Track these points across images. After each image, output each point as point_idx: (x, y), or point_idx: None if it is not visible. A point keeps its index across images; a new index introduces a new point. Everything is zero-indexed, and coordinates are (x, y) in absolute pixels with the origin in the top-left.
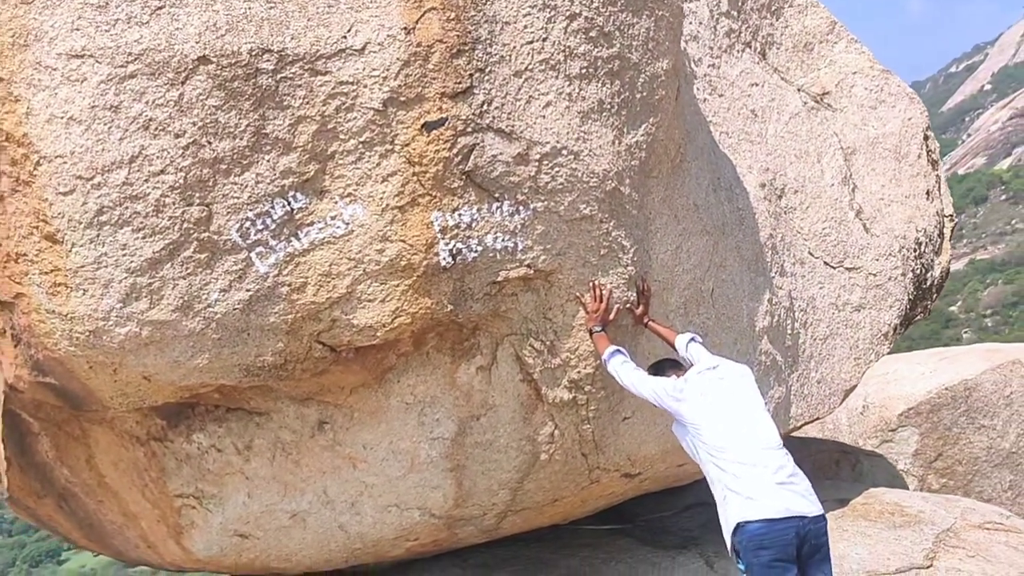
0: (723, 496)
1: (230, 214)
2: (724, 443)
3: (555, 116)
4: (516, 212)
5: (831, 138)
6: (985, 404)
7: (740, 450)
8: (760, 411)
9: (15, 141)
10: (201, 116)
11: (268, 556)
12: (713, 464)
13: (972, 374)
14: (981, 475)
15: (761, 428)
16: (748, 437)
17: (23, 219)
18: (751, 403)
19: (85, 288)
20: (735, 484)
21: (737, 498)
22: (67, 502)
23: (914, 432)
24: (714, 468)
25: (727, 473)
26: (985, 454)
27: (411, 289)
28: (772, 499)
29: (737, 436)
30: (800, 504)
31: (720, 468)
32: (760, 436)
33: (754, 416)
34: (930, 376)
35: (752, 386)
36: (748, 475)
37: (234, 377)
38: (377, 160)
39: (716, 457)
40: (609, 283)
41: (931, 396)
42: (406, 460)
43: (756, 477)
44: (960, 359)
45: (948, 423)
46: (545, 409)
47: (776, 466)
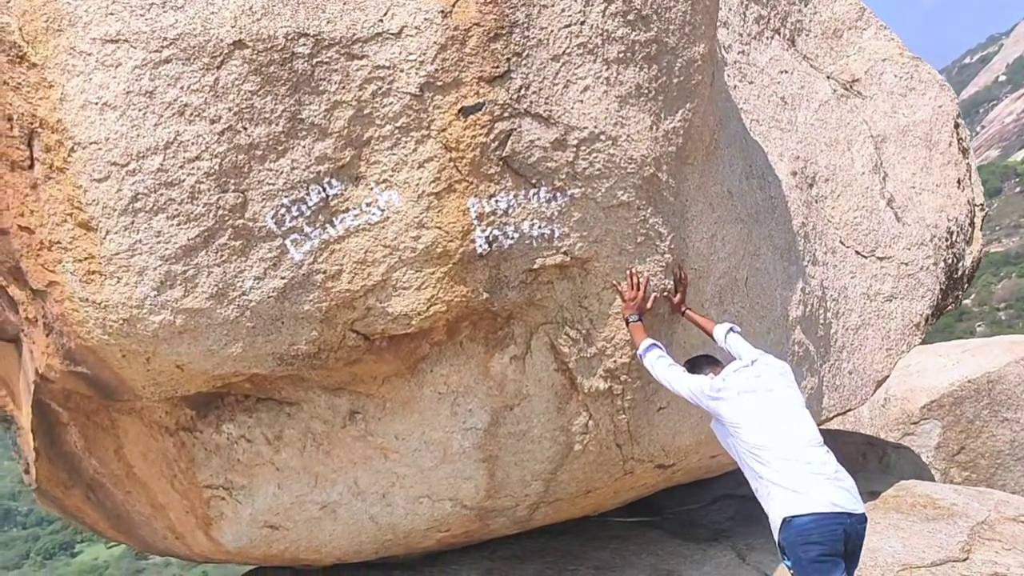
0: (767, 492)
1: (265, 201)
2: (765, 441)
3: (593, 101)
4: (553, 198)
5: (861, 126)
6: (1008, 397)
7: (782, 447)
8: (800, 408)
9: (49, 127)
10: (237, 101)
11: (298, 547)
12: (756, 461)
13: (995, 366)
14: (1004, 468)
15: (802, 425)
16: (789, 434)
17: (57, 206)
18: (791, 400)
19: (119, 276)
20: (780, 479)
21: (782, 493)
22: (95, 493)
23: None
24: (757, 464)
25: (770, 469)
26: (1008, 447)
27: (447, 277)
28: (819, 493)
29: (778, 434)
30: (847, 500)
31: (763, 464)
32: (801, 433)
33: (794, 413)
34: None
35: (791, 383)
36: (792, 471)
37: (268, 366)
38: (413, 146)
39: (758, 455)
40: (646, 271)
41: (954, 389)
42: (438, 451)
43: (801, 472)
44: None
45: (971, 416)
46: (580, 399)
47: (820, 462)
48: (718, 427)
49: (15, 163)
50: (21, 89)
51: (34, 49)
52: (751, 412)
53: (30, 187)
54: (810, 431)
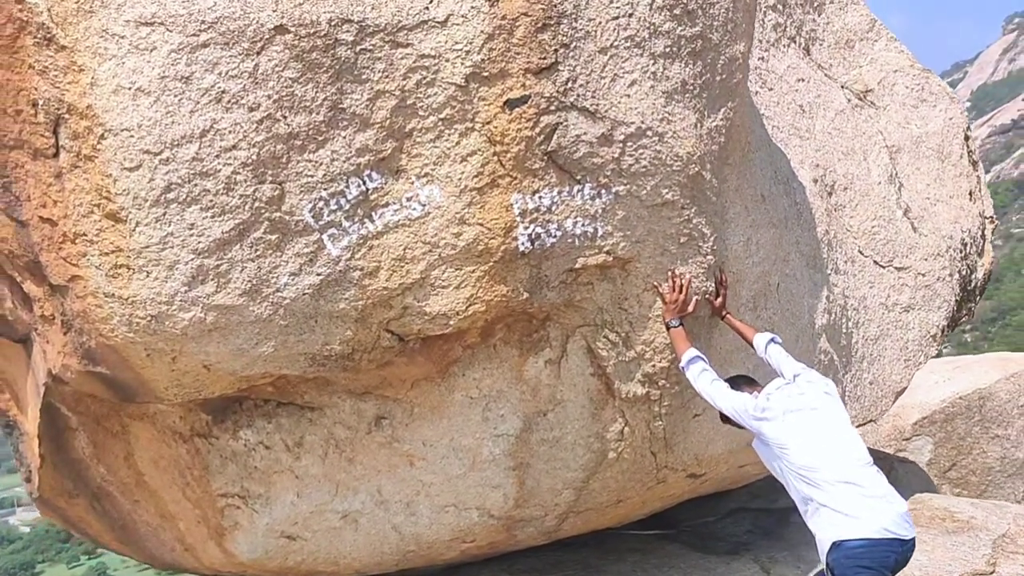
0: (815, 510)
1: (303, 193)
2: (814, 462)
3: (640, 96)
4: (597, 196)
5: (876, 136)
6: (999, 413)
7: (832, 468)
8: (847, 426)
9: (78, 113)
10: (276, 89)
11: (316, 559)
12: (804, 483)
13: (986, 383)
14: (995, 485)
15: (850, 445)
16: (838, 455)
17: (83, 196)
18: (837, 419)
19: (149, 270)
20: (831, 502)
21: (833, 515)
22: (100, 502)
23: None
24: (806, 486)
25: (820, 491)
26: (999, 464)
27: (487, 275)
28: (872, 518)
29: (827, 455)
30: (899, 527)
31: (812, 486)
32: (851, 453)
33: (842, 432)
34: (944, 385)
35: (837, 401)
36: (843, 493)
37: (299, 367)
38: (457, 139)
39: (807, 476)
40: (688, 273)
41: (945, 405)
42: (467, 458)
43: (852, 495)
44: (973, 368)
45: (962, 432)
46: (616, 405)
47: (871, 483)
48: (762, 447)
49: (38, 151)
50: (48, 73)
51: (63, 31)
52: (798, 432)
53: (54, 176)
54: (859, 450)
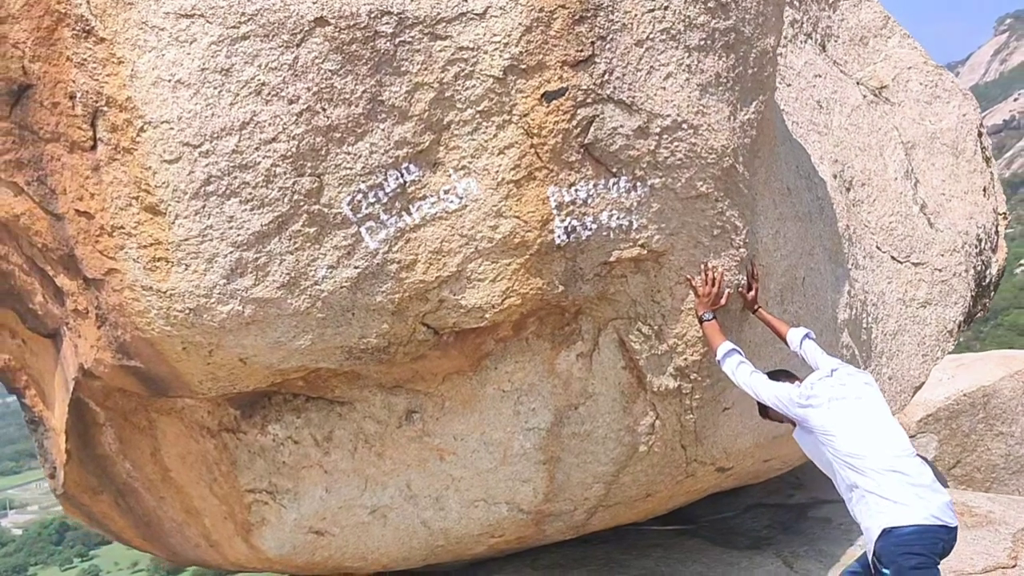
0: (860, 497)
1: (342, 186)
2: (860, 450)
3: (675, 88)
4: (633, 188)
5: (891, 132)
6: (1003, 411)
7: (879, 457)
8: (890, 417)
9: (117, 106)
10: (316, 81)
11: (343, 554)
12: (850, 470)
13: (990, 380)
14: (999, 483)
15: (895, 435)
16: (884, 444)
17: (121, 189)
18: (880, 409)
19: (188, 263)
20: (878, 489)
21: (882, 503)
22: (125, 498)
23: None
24: (852, 473)
25: (867, 478)
26: (1003, 461)
27: (523, 268)
28: (920, 506)
29: (872, 443)
30: (945, 514)
31: (858, 473)
32: (896, 443)
33: (886, 422)
34: (948, 383)
35: (877, 392)
36: (891, 481)
37: (336, 360)
38: (494, 131)
39: (852, 464)
40: (721, 265)
41: (950, 403)
42: (498, 452)
43: (899, 483)
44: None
45: (967, 430)
46: (647, 398)
47: (916, 473)
48: (804, 436)
49: (75, 144)
50: (86, 65)
51: (102, 23)
52: (844, 420)
53: (91, 169)
54: (903, 441)
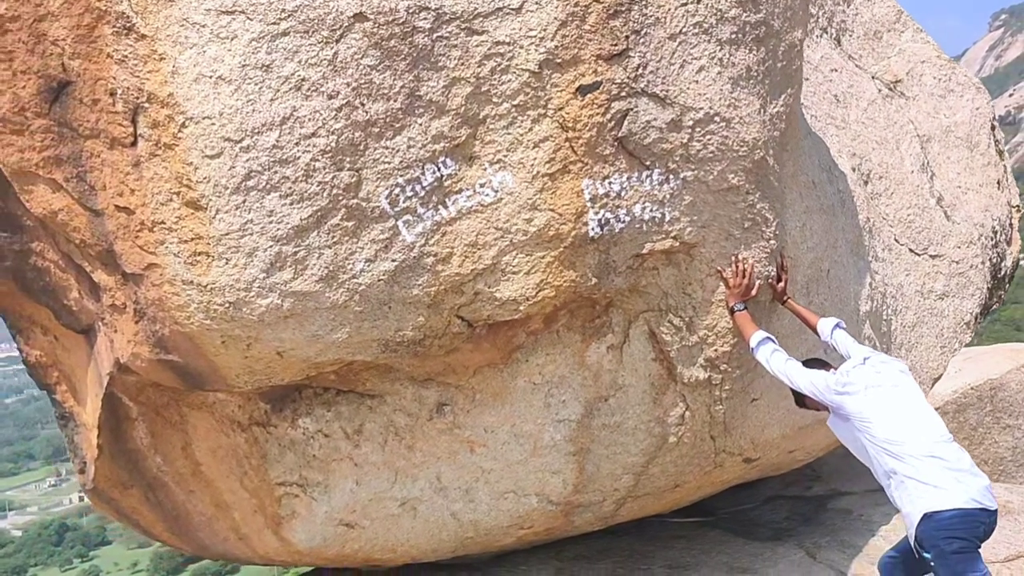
0: (899, 483)
1: (380, 180)
2: (898, 436)
3: (707, 81)
4: (666, 181)
5: (907, 125)
6: (1010, 404)
7: (916, 442)
8: (925, 404)
9: (159, 102)
10: (355, 76)
11: (373, 546)
12: (889, 456)
13: (997, 373)
14: (1007, 475)
15: (932, 421)
16: (921, 430)
17: (162, 185)
18: (916, 396)
19: (228, 257)
20: (918, 475)
21: (921, 488)
22: (154, 493)
23: None
24: (890, 459)
25: (906, 464)
26: (1010, 454)
27: (557, 261)
28: (960, 490)
29: (910, 429)
30: (985, 497)
31: (897, 459)
32: (933, 429)
33: (923, 409)
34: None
35: (912, 380)
36: (930, 466)
37: (372, 353)
38: (529, 125)
39: (891, 450)
40: (751, 257)
41: (957, 396)
42: (528, 444)
43: (939, 468)
44: (984, 359)
45: (974, 423)
46: (677, 389)
47: (955, 458)
48: (840, 423)
49: (116, 140)
50: (127, 62)
51: (144, 20)
52: (880, 406)
53: (132, 165)
54: (940, 427)
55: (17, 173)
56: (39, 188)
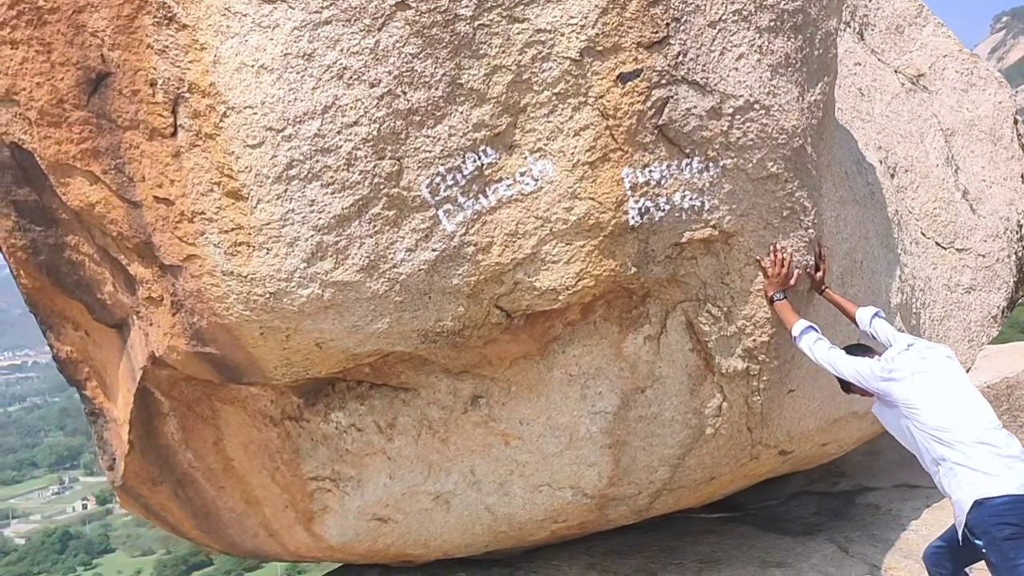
0: (949, 470)
1: (421, 169)
2: (946, 423)
3: (747, 69)
4: (706, 169)
5: (930, 119)
6: None
7: (965, 429)
8: (973, 390)
9: (200, 91)
10: (397, 65)
11: (405, 541)
12: (937, 443)
13: (1013, 372)
14: None
15: (980, 407)
16: (970, 416)
17: (202, 175)
18: (963, 382)
19: (269, 247)
20: (968, 462)
21: (972, 474)
22: (184, 489)
23: None
24: (939, 446)
25: (955, 451)
26: None
27: (596, 250)
28: (1011, 476)
29: (959, 415)
30: None
31: (946, 446)
32: (982, 415)
33: (971, 395)
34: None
35: (958, 365)
36: (980, 453)
37: (411, 344)
38: (570, 113)
39: (939, 437)
40: (789, 246)
41: None
42: (564, 436)
43: (989, 455)
44: (1000, 357)
45: None
46: (714, 380)
47: (1005, 444)
48: (886, 411)
49: (155, 131)
50: (168, 52)
51: (184, 10)
52: (928, 393)
53: (172, 156)
54: (989, 413)
55: (54, 166)
56: (76, 180)
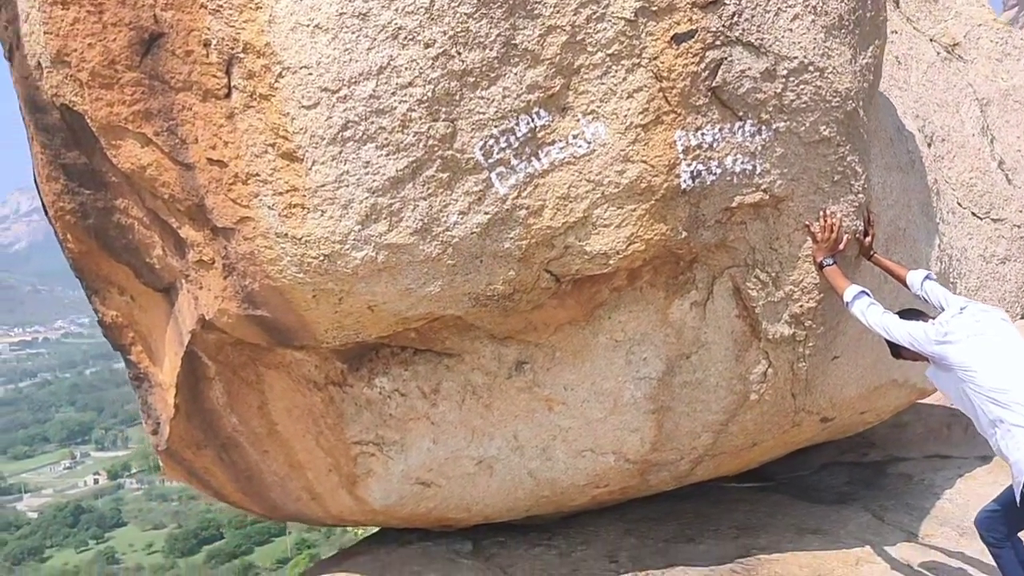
0: (1006, 431)
1: (474, 131)
2: (1003, 384)
3: (802, 30)
4: (758, 132)
5: (966, 88)
6: None
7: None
8: None
9: (255, 51)
10: (452, 25)
11: (448, 505)
12: (994, 405)
13: None
14: None
15: None
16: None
17: (256, 136)
18: (1019, 344)
19: (324, 209)
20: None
21: None
22: (228, 453)
23: None
24: (995, 408)
25: (1013, 412)
26: None
27: (647, 214)
28: None
29: (1016, 377)
30: None
31: (1002, 407)
32: None
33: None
34: None
35: (1013, 328)
36: None
37: (462, 307)
38: (623, 75)
39: (996, 399)
40: (839, 211)
41: None
42: (608, 401)
43: None
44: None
45: None
46: (760, 346)
47: None
48: (940, 374)
49: (209, 92)
50: (222, 12)
51: None
52: (984, 355)
53: (225, 117)
54: None
55: (105, 128)
56: (127, 143)
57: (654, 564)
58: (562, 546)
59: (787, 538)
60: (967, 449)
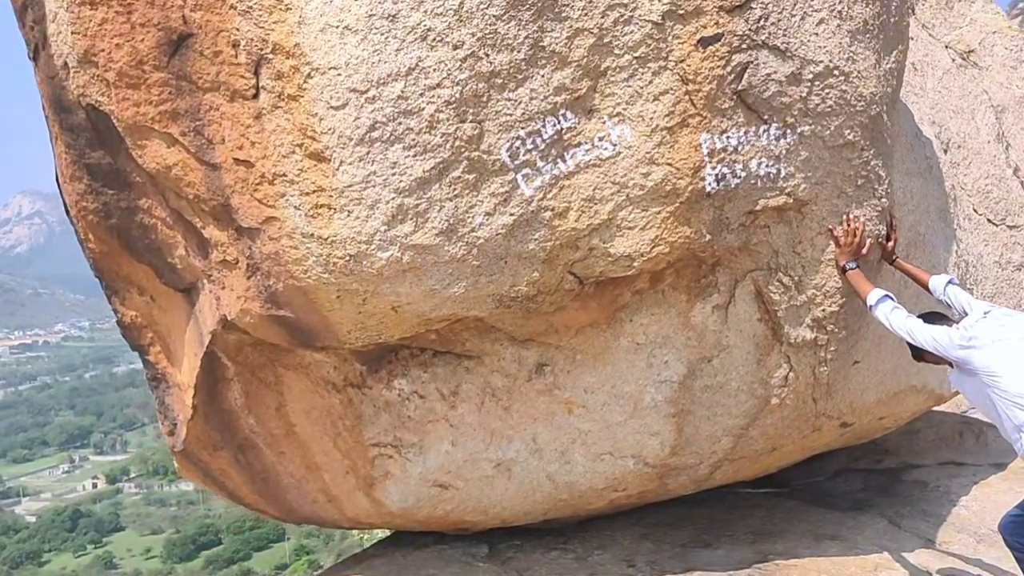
0: None
1: (501, 132)
2: None
3: (827, 34)
4: (783, 136)
5: (981, 95)
6: None
7: None
8: None
9: (284, 52)
10: (480, 26)
11: (465, 508)
12: (1018, 409)
13: None
14: None
15: None
16: None
17: (284, 137)
18: None
19: (350, 209)
20: None
21: None
22: (244, 454)
23: None
24: (1019, 412)
25: None
26: None
27: (672, 216)
28: None
29: None
30: None
31: None
32: None
33: None
34: None
35: None
36: None
37: (486, 308)
38: (650, 77)
39: (1020, 403)
40: (862, 215)
41: None
42: (628, 405)
43: None
44: None
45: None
46: (781, 350)
47: None
48: (964, 378)
49: (236, 92)
50: (252, 13)
51: None
52: (1009, 360)
53: (253, 118)
54: None
55: (131, 128)
56: (153, 143)
57: (672, 569)
58: (578, 550)
59: (804, 544)
60: (980, 456)
